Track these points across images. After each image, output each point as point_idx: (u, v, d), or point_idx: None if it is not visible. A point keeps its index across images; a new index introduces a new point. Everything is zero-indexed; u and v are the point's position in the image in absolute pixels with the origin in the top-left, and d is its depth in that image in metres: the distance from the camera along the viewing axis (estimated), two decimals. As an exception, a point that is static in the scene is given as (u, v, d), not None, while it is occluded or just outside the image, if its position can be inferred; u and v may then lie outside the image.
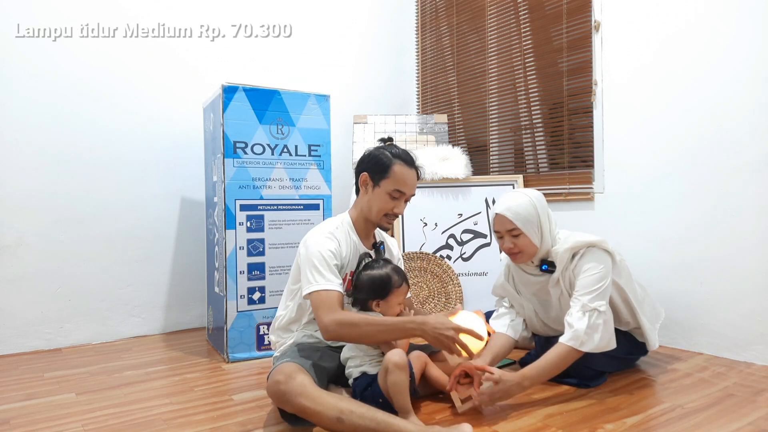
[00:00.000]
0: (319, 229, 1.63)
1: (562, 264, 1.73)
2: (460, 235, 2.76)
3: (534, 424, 1.45)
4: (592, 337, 1.61)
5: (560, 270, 1.74)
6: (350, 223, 1.69)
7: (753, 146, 1.98)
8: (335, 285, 1.50)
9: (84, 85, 2.48)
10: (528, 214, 1.72)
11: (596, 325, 1.62)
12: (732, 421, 1.45)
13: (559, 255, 1.73)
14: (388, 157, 1.63)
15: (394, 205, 1.63)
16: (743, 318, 2.01)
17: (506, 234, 1.74)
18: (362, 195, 1.69)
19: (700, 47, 2.13)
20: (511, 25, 3.00)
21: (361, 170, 1.67)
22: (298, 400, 1.34)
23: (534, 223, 1.73)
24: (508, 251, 1.77)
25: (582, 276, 1.69)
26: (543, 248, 1.75)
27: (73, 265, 2.46)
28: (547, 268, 1.76)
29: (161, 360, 2.19)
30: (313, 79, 3.17)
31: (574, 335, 1.60)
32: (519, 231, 1.71)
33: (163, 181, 2.69)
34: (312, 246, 1.56)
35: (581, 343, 1.60)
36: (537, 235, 1.73)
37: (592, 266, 1.69)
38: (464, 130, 3.34)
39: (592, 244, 1.72)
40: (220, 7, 2.86)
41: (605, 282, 1.67)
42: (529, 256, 1.76)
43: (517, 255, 1.76)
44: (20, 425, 1.51)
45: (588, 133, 2.57)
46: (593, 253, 1.71)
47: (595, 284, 1.66)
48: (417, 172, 1.67)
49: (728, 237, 2.05)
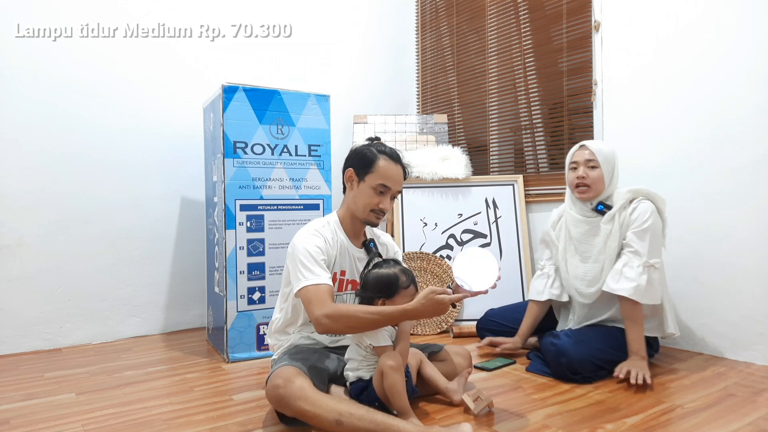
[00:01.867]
0: (305, 228, 1.63)
1: (620, 203, 1.86)
2: (460, 235, 2.76)
3: (534, 424, 1.45)
4: (651, 292, 1.78)
5: (617, 208, 1.86)
6: (337, 221, 1.69)
7: (753, 146, 1.98)
8: (324, 278, 1.49)
9: (84, 85, 2.48)
10: (609, 153, 1.91)
11: (653, 281, 1.79)
12: (732, 421, 1.45)
13: (621, 195, 1.88)
14: (373, 152, 1.63)
15: (379, 201, 1.61)
16: (743, 318, 2.01)
17: (583, 164, 1.90)
18: (348, 191, 1.68)
19: (700, 47, 2.13)
20: (511, 25, 3.00)
21: (346, 167, 1.68)
22: (297, 403, 1.34)
23: (611, 163, 1.90)
24: (580, 181, 1.90)
25: (639, 227, 1.82)
26: (607, 191, 1.91)
27: (73, 265, 2.46)
28: (602, 208, 1.89)
29: (161, 360, 2.19)
30: (313, 79, 3.17)
31: (637, 290, 1.76)
32: (597, 164, 1.88)
33: (163, 181, 2.69)
34: (298, 244, 1.56)
35: (642, 297, 1.76)
36: (609, 175, 1.89)
37: (650, 219, 1.82)
38: (464, 130, 3.34)
39: (652, 198, 1.86)
40: (220, 7, 2.86)
41: (659, 239, 1.84)
42: (595, 193, 1.90)
43: (586, 188, 1.90)
44: (20, 425, 1.51)
45: (588, 133, 2.57)
46: (651, 207, 1.84)
47: (651, 240, 1.80)
48: (404, 170, 1.66)
49: (728, 237, 2.05)
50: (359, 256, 1.69)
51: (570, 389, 1.72)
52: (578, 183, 1.91)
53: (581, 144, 1.95)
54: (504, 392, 1.71)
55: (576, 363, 1.76)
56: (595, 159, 1.88)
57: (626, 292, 1.76)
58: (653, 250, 1.81)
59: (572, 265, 1.98)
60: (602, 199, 1.92)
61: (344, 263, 1.66)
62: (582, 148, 1.93)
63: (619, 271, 1.81)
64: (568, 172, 1.98)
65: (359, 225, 1.70)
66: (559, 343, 1.81)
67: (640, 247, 1.80)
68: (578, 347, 1.79)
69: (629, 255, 1.81)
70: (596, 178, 1.88)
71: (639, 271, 1.77)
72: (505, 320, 2.19)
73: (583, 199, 1.93)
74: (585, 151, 1.91)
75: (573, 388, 1.73)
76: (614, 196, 1.91)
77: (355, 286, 1.68)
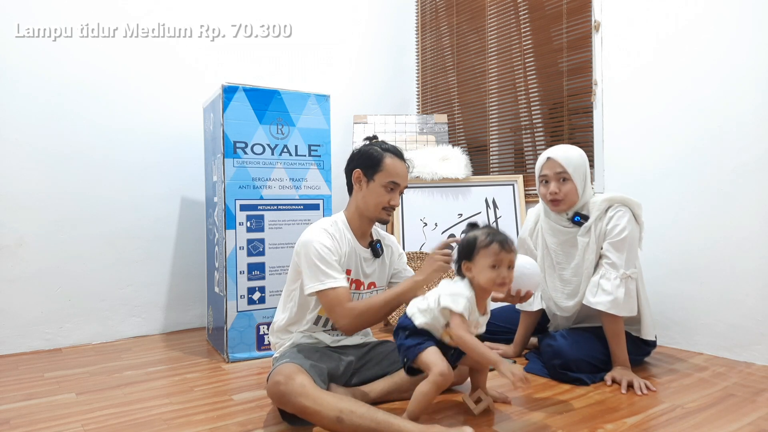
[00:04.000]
0: (314, 227, 1.65)
1: (596, 213, 1.81)
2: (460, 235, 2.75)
3: (534, 424, 1.45)
4: (629, 303, 1.75)
5: (594, 218, 1.81)
6: (345, 222, 1.71)
7: (753, 146, 1.98)
8: (341, 281, 1.55)
9: (84, 85, 2.48)
10: (579, 162, 1.82)
11: (630, 291, 1.75)
12: (732, 421, 1.45)
13: (596, 204, 1.82)
14: (378, 151, 1.67)
15: (390, 197, 1.67)
16: (743, 318, 2.01)
17: (554, 178, 1.82)
18: (356, 192, 1.71)
19: (700, 47, 2.13)
20: (511, 25, 3.00)
21: (353, 168, 1.71)
22: (298, 400, 1.34)
23: (582, 172, 1.82)
24: (552, 196, 1.83)
25: (616, 237, 1.77)
26: (581, 201, 1.84)
27: (73, 265, 2.46)
28: (579, 219, 1.84)
29: (161, 360, 2.19)
30: (313, 79, 3.17)
31: (614, 303, 1.72)
32: (568, 176, 1.80)
33: (163, 181, 2.69)
34: (310, 245, 1.57)
35: (619, 310, 1.73)
36: (581, 185, 1.82)
37: (626, 228, 1.77)
38: (464, 130, 3.34)
39: (629, 204, 1.80)
40: (220, 7, 2.86)
41: (636, 247, 1.79)
42: (569, 205, 1.83)
43: (559, 202, 1.83)
44: (20, 425, 1.51)
45: (588, 133, 2.57)
46: (628, 215, 1.79)
47: (629, 249, 1.76)
48: (407, 165, 1.72)
49: (728, 237, 2.05)
50: (365, 256, 1.71)
51: (570, 389, 1.72)
52: (551, 198, 1.84)
53: (547, 156, 1.84)
54: (504, 392, 1.70)
55: (572, 364, 1.76)
56: (564, 170, 1.79)
57: (604, 307, 1.73)
58: (630, 260, 1.77)
59: (550, 277, 1.94)
60: (578, 208, 1.85)
61: (351, 263, 1.68)
62: (551, 161, 1.83)
63: (596, 284, 1.77)
64: (538, 184, 1.90)
65: (367, 225, 1.72)
66: (555, 344, 1.80)
67: (617, 259, 1.76)
68: (574, 348, 1.78)
69: (606, 267, 1.77)
70: (568, 191, 1.80)
71: (616, 284, 1.73)
72: (501, 321, 2.17)
73: (558, 212, 1.87)
74: (555, 163, 1.81)
75: (573, 388, 1.73)
76: (589, 205, 1.84)
77: (359, 285, 1.69)
